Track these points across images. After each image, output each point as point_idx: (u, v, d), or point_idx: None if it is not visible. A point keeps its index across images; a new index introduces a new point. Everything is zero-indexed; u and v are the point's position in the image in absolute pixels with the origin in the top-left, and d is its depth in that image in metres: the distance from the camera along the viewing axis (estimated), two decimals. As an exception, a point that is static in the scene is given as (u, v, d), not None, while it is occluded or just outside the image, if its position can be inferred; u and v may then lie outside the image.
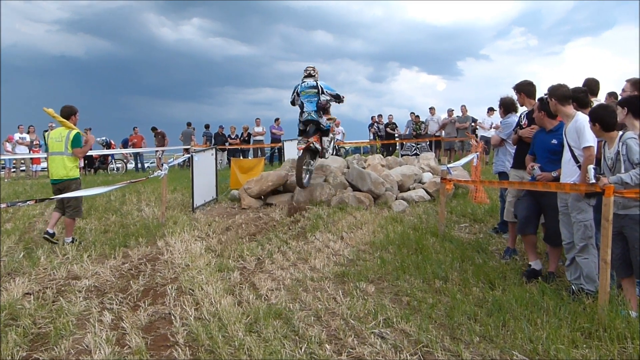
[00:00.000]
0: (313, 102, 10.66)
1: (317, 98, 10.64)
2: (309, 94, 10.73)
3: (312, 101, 10.67)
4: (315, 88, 10.70)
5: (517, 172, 6.65)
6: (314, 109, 10.65)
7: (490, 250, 7.06)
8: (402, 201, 10.48)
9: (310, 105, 10.69)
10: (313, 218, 9.05)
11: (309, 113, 10.63)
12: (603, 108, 4.86)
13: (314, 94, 10.68)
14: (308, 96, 10.73)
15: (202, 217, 9.76)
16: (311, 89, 10.72)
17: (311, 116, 10.62)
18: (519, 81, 6.83)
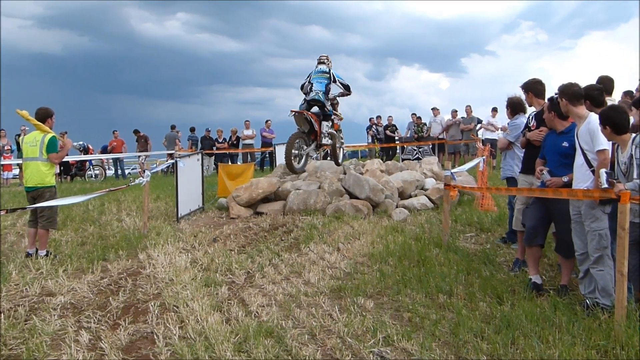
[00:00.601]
0: (322, 83, 11.71)
1: (328, 81, 11.70)
2: (320, 76, 11.79)
3: (322, 82, 11.72)
4: (327, 73, 11.82)
5: (526, 178, 6.65)
6: (322, 89, 11.66)
7: (498, 262, 7.06)
8: (402, 209, 10.49)
9: (319, 84, 11.72)
10: (307, 228, 9.04)
11: (317, 92, 11.64)
12: (613, 109, 4.86)
13: (326, 77, 11.76)
14: (319, 78, 11.78)
15: (187, 227, 9.74)
16: (323, 74, 11.82)
17: (318, 95, 11.62)
18: (527, 79, 6.85)
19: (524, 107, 7.35)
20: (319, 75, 11.92)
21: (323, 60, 12.20)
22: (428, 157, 16.02)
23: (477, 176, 11.80)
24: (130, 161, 27.46)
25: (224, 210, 11.51)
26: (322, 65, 12.11)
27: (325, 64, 12.15)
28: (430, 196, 11.35)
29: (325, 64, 12.13)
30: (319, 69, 12.05)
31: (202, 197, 12.05)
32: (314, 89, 11.76)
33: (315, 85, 11.79)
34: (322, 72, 11.96)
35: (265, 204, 11.14)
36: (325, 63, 12.15)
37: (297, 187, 11.24)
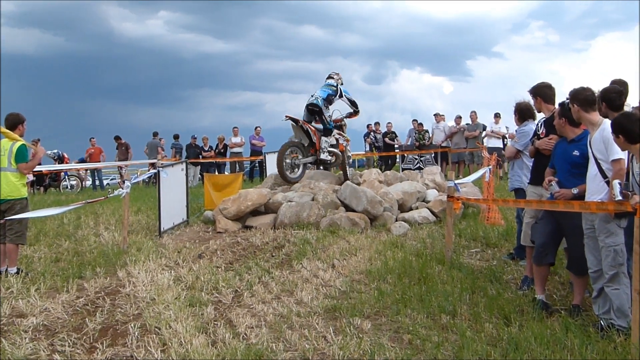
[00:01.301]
0: (325, 91, 12.40)
1: (333, 92, 12.41)
2: (325, 87, 12.53)
3: (325, 90, 12.43)
4: (334, 87, 12.55)
5: (536, 189, 6.67)
6: (322, 96, 12.30)
7: (505, 280, 7.06)
8: (402, 223, 10.50)
9: (321, 91, 12.42)
10: (299, 243, 9.03)
11: (316, 97, 12.26)
12: (626, 117, 4.84)
13: (332, 89, 12.47)
14: (323, 88, 12.52)
15: (170, 242, 9.72)
16: (329, 86, 12.57)
17: (317, 100, 12.22)
18: (536, 83, 6.87)
19: (533, 113, 7.36)
20: (325, 86, 12.63)
21: (332, 76, 12.91)
22: (430, 167, 16.04)
23: (482, 187, 11.83)
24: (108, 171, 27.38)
25: (210, 224, 11.49)
26: (330, 80, 12.83)
27: (333, 78, 12.86)
28: (433, 209, 11.37)
29: (333, 79, 12.84)
30: (327, 82, 12.78)
31: (187, 210, 12.04)
32: (314, 94, 12.40)
33: (317, 92, 12.43)
34: (329, 85, 12.66)
35: (255, 217, 11.14)
36: (334, 78, 12.86)
37: (289, 199, 11.24)
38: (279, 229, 10.41)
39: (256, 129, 23.22)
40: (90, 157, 22.69)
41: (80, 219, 12.32)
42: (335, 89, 12.60)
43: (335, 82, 12.78)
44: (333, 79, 12.87)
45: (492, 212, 10.73)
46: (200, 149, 23.09)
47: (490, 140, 19.35)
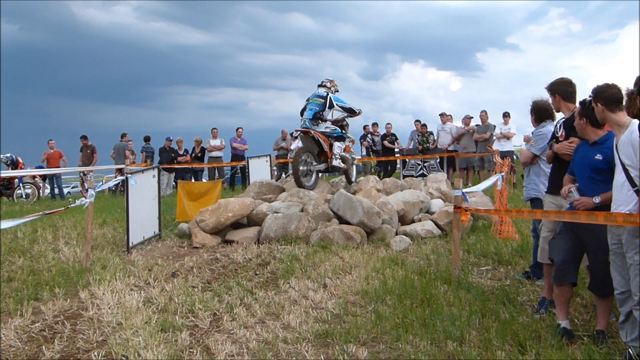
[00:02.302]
0: (312, 110, 12.96)
1: (319, 109, 12.94)
2: (314, 102, 13.08)
3: (312, 109, 12.98)
4: (323, 98, 13.08)
5: (554, 199, 6.67)
6: (309, 117, 12.92)
7: (519, 302, 7.06)
8: (403, 237, 10.50)
9: (308, 112, 13.00)
10: (287, 260, 9.02)
11: (305, 120, 12.96)
12: None
13: (319, 103, 13.01)
14: (312, 104, 13.07)
15: (140, 259, 9.68)
16: (317, 98, 13.12)
17: (305, 124, 12.94)
18: (555, 79, 6.87)
19: (552, 113, 7.38)
20: (313, 100, 13.16)
21: (324, 84, 13.53)
22: (435, 174, 16.08)
23: (494, 197, 11.85)
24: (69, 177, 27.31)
25: (185, 238, 11.47)
26: (320, 89, 13.41)
27: (325, 86, 13.47)
28: (438, 221, 11.39)
29: (324, 87, 13.45)
30: (316, 92, 13.34)
31: (159, 222, 12.00)
32: (303, 117, 13.10)
33: (305, 114, 13.08)
34: (317, 96, 13.20)
35: (236, 231, 11.13)
36: (326, 86, 13.48)
37: (275, 209, 11.24)
38: (263, 243, 10.40)
39: (238, 130, 23.24)
40: (49, 162, 22.54)
41: (36, 233, 12.26)
42: (323, 101, 13.07)
43: (325, 91, 13.30)
44: (324, 87, 13.45)
45: (505, 225, 10.75)
46: (174, 152, 23.04)
47: (501, 143, 19.40)
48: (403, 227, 11.24)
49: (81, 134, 23.26)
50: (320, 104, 13.03)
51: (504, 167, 11.85)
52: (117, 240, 11.36)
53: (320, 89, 13.44)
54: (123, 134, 24.32)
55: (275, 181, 14.42)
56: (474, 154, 20.30)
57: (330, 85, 13.57)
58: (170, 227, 12.53)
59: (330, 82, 13.66)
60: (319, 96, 13.17)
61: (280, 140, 23.86)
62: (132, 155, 23.84)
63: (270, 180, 14.13)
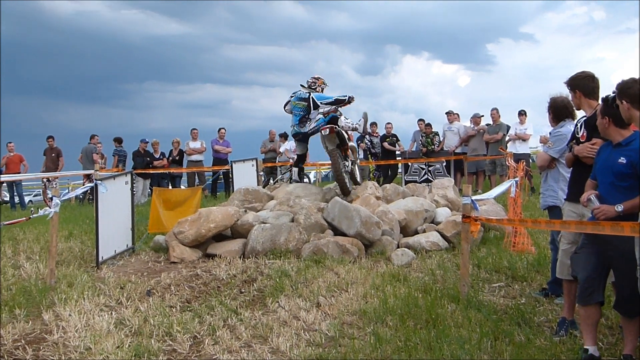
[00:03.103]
0: (297, 116, 13.51)
1: (304, 113, 13.41)
2: (297, 106, 13.56)
3: (297, 114, 13.53)
4: (305, 101, 13.47)
5: (575, 207, 6.66)
6: (296, 122, 13.51)
7: (536, 323, 7.06)
8: (406, 250, 10.50)
9: (295, 117, 13.57)
10: (275, 276, 9.01)
11: (294, 126, 13.61)
12: None
13: (302, 107, 13.47)
14: (296, 108, 13.58)
15: (111, 275, 9.65)
16: (300, 101, 13.56)
17: (294, 130, 13.62)
18: (575, 73, 6.87)
19: (572, 111, 7.38)
20: (296, 104, 13.62)
21: (308, 84, 13.92)
22: (441, 179, 16.10)
23: (507, 205, 11.85)
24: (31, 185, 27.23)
25: (161, 252, 11.45)
26: (302, 91, 13.78)
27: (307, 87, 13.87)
28: (444, 232, 11.38)
29: (306, 88, 13.82)
30: (298, 94, 13.70)
31: (133, 234, 11.96)
32: (291, 123, 13.70)
33: (293, 119, 13.65)
34: (300, 99, 13.61)
35: (219, 243, 11.12)
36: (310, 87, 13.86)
37: (263, 219, 11.23)
38: (249, 257, 10.39)
39: (220, 131, 23.19)
40: (7, 167, 22.43)
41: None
42: (305, 104, 13.47)
43: (307, 92, 13.64)
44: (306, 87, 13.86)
45: (519, 237, 10.75)
46: (149, 156, 22.94)
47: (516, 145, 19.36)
48: (405, 239, 11.23)
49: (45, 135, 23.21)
50: (303, 107, 13.45)
51: (518, 171, 11.86)
52: (85, 254, 11.33)
53: (301, 90, 13.78)
54: (92, 135, 24.27)
55: (262, 188, 14.43)
56: (485, 157, 20.31)
57: (315, 84, 13.89)
58: (143, 238, 12.51)
59: (317, 80, 13.97)
60: (301, 99, 13.57)
61: (268, 141, 23.87)
62: (102, 160, 23.74)
63: (257, 187, 14.11)
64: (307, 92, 13.60)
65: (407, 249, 10.66)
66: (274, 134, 23.87)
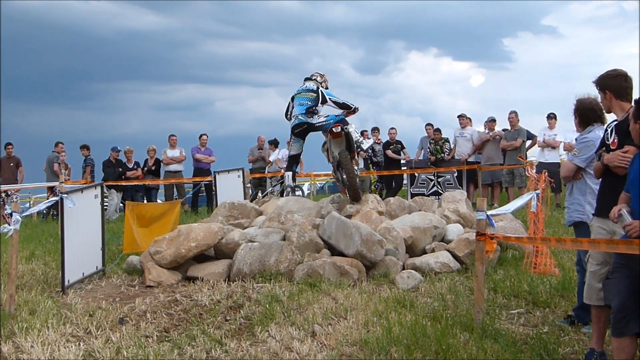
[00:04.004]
0: (304, 105, 13.64)
1: (312, 103, 13.63)
2: (304, 96, 13.81)
3: (303, 104, 13.67)
4: (314, 92, 13.80)
5: (604, 223, 6.64)
6: (302, 112, 13.57)
7: (561, 354, 7.06)
8: (412, 272, 10.48)
9: (299, 107, 13.67)
10: (265, 301, 8.99)
11: (296, 116, 13.64)
12: None
13: (310, 97, 13.73)
14: (301, 98, 13.79)
15: (78, 301, 9.62)
16: (308, 92, 13.85)
17: (299, 119, 13.60)
18: (605, 72, 6.86)
19: (601, 114, 7.38)
20: (302, 95, 13.89)
21: (313, 77, 14.29)
22: (452, 192, 16.11)
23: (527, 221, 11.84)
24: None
25: (136, 275, 11.42)
26: (308, 83, 14.17)
27: (314, 80, 14.23)
28: (456, 251, 11.37)
29: (313, 81, 14.19)
30: (304, 86, 14.09)
31: (103, 255, 11.93)
32: (293, 114, 13.83)
33: (296, 109, 13.77)
34: (307, 90, 13.94)
35: (201, 265, 11.11)
36: (315, 79, 14.23)
37: (251, 237, 11.22)
38: (235, 281, 10.37)
39: (202, 137, 23.20)
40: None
41: (-54, 268, 12.20)
42: (315, 95, 13.77)
43: (315, 85, 14.03)
44: (313, 80, 14.18)
45: (541, 257, 10.71)
46: (122, 166, 22.93)
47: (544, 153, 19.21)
48: (412, 260, 11.23)
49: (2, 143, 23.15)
50: (312, 98, 13.70)
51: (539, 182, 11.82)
52: (50, 278, 11.30)
53: (308, 82, 14.11)
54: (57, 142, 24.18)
55: (249, 202, 14.42)
56: (501, 167, 20.30)
57: (320, 79, 14.23)
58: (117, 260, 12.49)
59: (321, 77, 14.32)
60: (309, 90, 13.83)
61: (256, 149, 23.87)
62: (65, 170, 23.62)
63: (244, 201, 14.13)
64: (316, 85, 13.98)
65: (414, 270, 10.65)
66: (262, 140, 23.86)
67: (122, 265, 12.10)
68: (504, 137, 20.40)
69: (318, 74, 14.41)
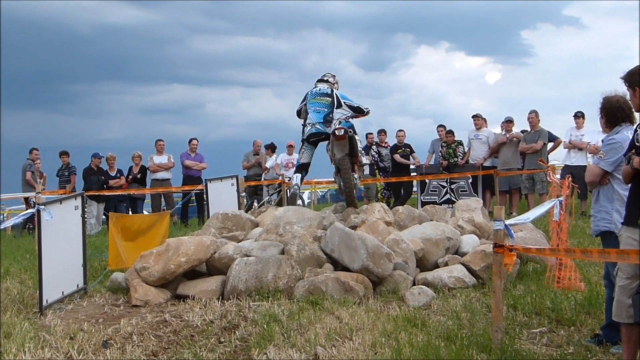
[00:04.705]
0: (321, 113, 14.01)
1: (329, 110, 14.01)
2: (319, 101, 14.18)
3: (320, 111, 14.03)
4: (329, 96, 14.20)
5: (634, 233, 6.63)
6: (320, 120, 13.93)
7: (588, 377, 7.05)
8: (424, 288, 10.46)
9: (316, 115, 14.02)
10: (262, 321, 8.97)
11: (313, 124, 13.95)
12: None
13: (326, 103, 14.13)
14: (316, 104, 14.16)
15: (58, 323, 9.61)
16: (323, 97, 14.23)
17: (316, 128, 13.91)
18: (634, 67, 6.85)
19: (630, 113, 7.37)
20: (317, 99, 14.28)
21: (326, 78, 14.73)
22: (466, 200, 16.09)
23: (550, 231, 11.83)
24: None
25: (120, 293, 11.41)
26: (322, 85, 14.56)
27: (327, 82, 14.64)
28: (471, 265, 11.35)
29: (327, 83, 14.61)
30: (318, 89, 14.47)
31: (85, 272, 11.90)
32: (308, 121, 14.15)
33: (311, 117, 14.10)
34: (322, 94, 14.32)
35: (192, 282, 11.10)
36: (329, 81, 14.66)
37: (246, 251, 11.21)
38: (229, 299, 10.36)
39: (191, 142, 23.16)
40: None
41: None
42: (330, 100, 14.21)
43: (328, 87, 14.45)
44: (327, 82, 14.62)
45: (565, 270, 10.70)
46: (104, 174, 22.92)
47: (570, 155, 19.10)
48: (423, 274, 11.23)
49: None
50: (328, 103, 14.13)
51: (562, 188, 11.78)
52: (26, 297, 11.29)
53: (321, 84, 14.52)
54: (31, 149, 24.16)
55: (244, 212, 14.42)
56: (520, 172, 20.25)
57: (333, 80, 14.62)
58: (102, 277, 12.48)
59: (333, 77, 14.81)
60: (324, 94, 14.23)
61: (252, 155, 23.83)
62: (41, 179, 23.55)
63: (238, 212, 14.12)
64: (329, 87, 14.39)
65: (425, 286, 10.62)
66: (259, 145, 23.81)
67: (105, 283, 12.09)
68: (523, 139, 20.30)
69: (330, 74, 14.77)
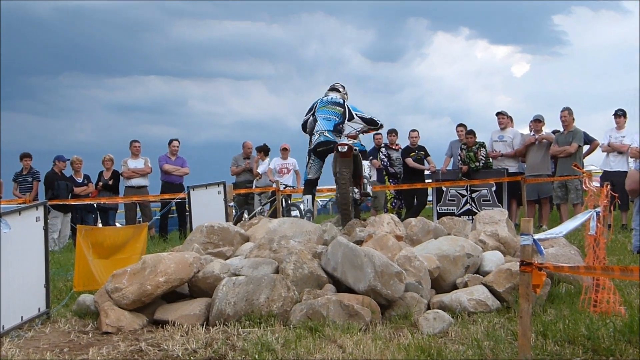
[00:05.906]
0: (331, 121, 14.73)
1: (340, 119, 14.74)
2: (330, 110, 14.93)
3: (331, 119, 14.76)
4: (341, 106, 14.98)
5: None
6: (330, 128, 14.58)
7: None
8: (440, 312, 10.45)
9: (326, 122, 14.70)
10: (253, 351, 8.99)
11: (322, 132, 14.57)
12: None
13: (337, 112, 14.87)
14: (327, 112, 14.92)
15: (16, 353, 9.63)
16: (335, 106, 14.99)
17: (325, 136, 14.49)
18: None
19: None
20: (328, 107, 15.07)
21: (336, 87, 15.60)
22: (488, 210, 16.05)
23: (585, 246, 11.85)
24: None
25: (89, 318, 11.40)
26: (333, 94, 15.40)
27: (338, 91, 15.49)
28: (495, 286, 11.32)
29: (338, 92, 15.45)
30: (329, 97, 15.30)
31: (47, 294, 11.89)
32: (317, 129, 14.78)
33: (320, 124, 14.78)
34: (333, 103, 15.14)
35: (172, 305, 11.10)
36: (339, 91, 15.51)
37: (235, 270, 11.19)
38: (215, 325, 10.35)
39: (172, 144, 23.13)
40: None
41: None
42: (342, 110, 15.00)
43: (340, 97, 15.30)
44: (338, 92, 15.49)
45: (603, 292, 10.71)
46: (69, 180, 22.87)
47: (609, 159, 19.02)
48: (439, 297, 11.22)
49: None
50: (339, 113, 14.91)
51: (600, 197, 11.75)
52: (-20, 322, 11.33)
53: (332, 93, 15.40)
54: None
55: (233, 224, 14.41)
56: (551, 179, 20.20)
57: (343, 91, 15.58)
58: (66, 300, 12.49)
59: (343, 88, 15.68)
60: (336, 103, 15.06)
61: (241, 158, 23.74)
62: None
63: (226, 224, 14.11)
64: (341, 97, 15.23)
65: (442, 310, 10.61)
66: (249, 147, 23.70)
67: (71, 307, 12.06)
68: (554, 140, 20.21)
69: (340, 84, 15.60)
